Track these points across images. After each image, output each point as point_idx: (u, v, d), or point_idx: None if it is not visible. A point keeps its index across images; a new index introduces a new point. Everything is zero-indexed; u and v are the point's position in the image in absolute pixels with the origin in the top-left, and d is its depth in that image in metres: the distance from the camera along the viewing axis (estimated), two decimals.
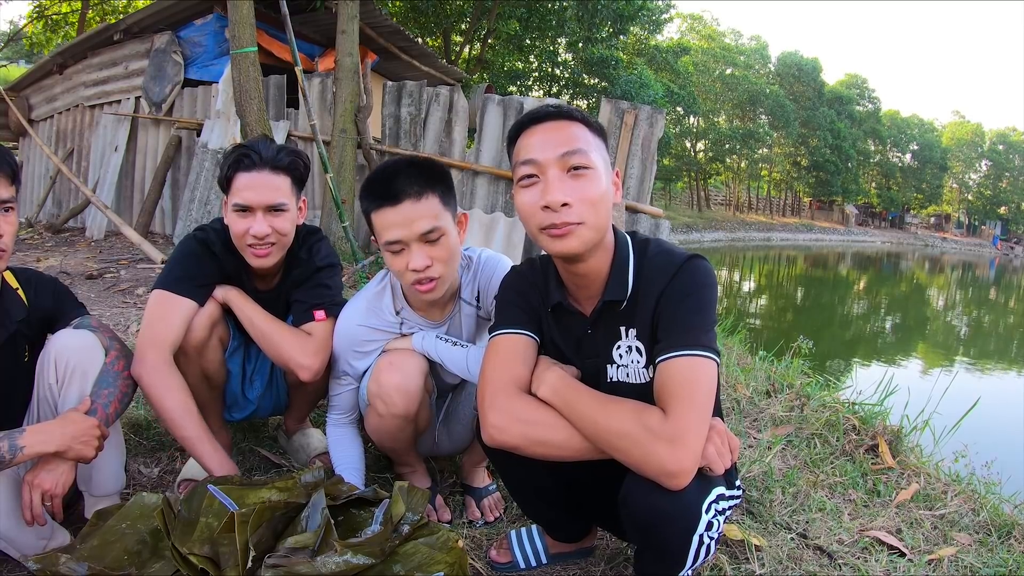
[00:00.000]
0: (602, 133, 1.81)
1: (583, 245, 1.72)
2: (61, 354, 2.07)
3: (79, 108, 12.16)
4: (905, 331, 17.97)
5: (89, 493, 2.26)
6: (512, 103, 7.87)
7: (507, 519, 2.61)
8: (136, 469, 2.78)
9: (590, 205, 1.69)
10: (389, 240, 2.11)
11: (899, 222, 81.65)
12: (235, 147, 2.42)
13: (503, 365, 1.87)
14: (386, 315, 2.41)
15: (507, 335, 1.92)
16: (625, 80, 26.24)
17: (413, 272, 2.13)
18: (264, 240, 2.35)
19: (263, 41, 9.08)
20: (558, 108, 1.79)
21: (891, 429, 3.47)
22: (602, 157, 1.77)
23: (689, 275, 1.73)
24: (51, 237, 10.61)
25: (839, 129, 63.63)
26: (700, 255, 1.77)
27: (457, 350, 2.35)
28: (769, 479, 2.95)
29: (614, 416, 1.64)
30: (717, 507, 1.68)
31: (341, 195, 7.05)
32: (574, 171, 1.70)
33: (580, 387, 1.77)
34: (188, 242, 2.48)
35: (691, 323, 1.68)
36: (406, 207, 2.09)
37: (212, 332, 2.46)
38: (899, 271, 41.06)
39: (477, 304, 2.50)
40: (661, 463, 1.56)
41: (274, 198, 2.35)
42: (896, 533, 2.62)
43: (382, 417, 2.36)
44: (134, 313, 5.42)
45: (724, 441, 1.71)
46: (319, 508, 1.69)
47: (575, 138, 1.72)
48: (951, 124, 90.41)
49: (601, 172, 1.73)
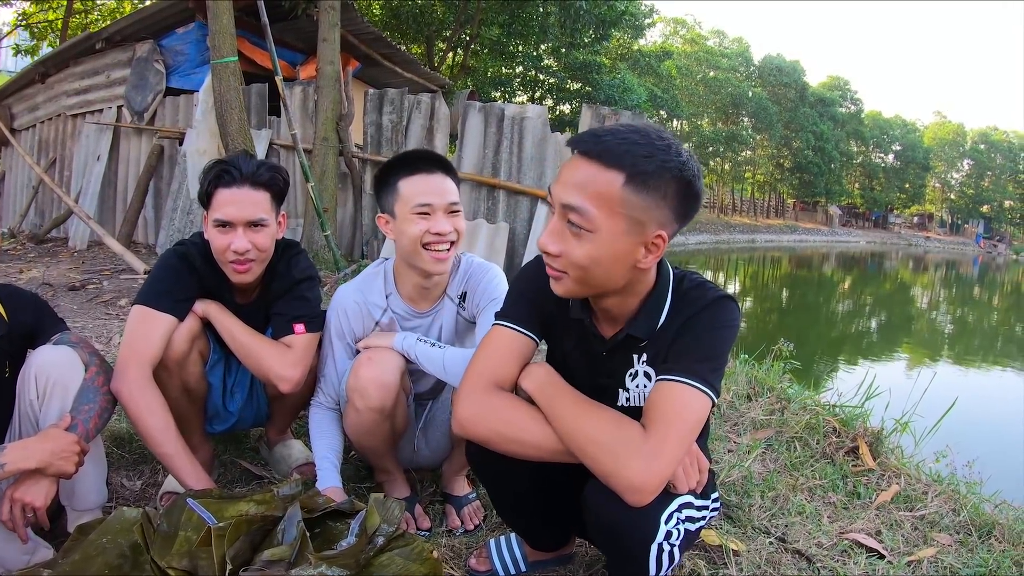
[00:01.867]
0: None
1: (568, 293, 1.71)
2: (42, 370, 2.08)
3: (61, 117, 12.11)
4: (889, 331, 18.07)
5: (71, 507, 2.26)
6: (493, 110, 7.90)
7: (487, 527, 2.62)
8: (119, 482, 2.77)
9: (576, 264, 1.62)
10: (421, 203, 2.31)
11: (883, 222, 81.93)
12: (215, 162, 2.43)
13: (494, 358, 1.87)
14: (376, 295, 2.51)
15: (509, 329, 1.90)
16: (608, 84, 26.35)
17: (437, 235, 2.31)
18: (245, 255, 2.37)
19: (245, 49, 9.07)
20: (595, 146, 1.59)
21: (872, 431, 3.48)
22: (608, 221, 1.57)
23: (715, 312, 1.70)
24: (34, 247, 10.55)
25: (822, 131, 63.86)
26: (732, 296, 1.75)
27: (435, 351, 2.38)
28: (748, 483, 2.96)
29: (593, 422, 1.63)
30: (679, 516, 1.69)
31: (323, 204, 7.05)
32: (571, 225, 1.58)
33: (565, 387, 1.75)
34: (168, 257, 2.49)
35: (702, 356, 1.65)
36: (438, 177, 2.36)
37: (192, 346, 2.46)
38: (883, 270, 41.26)
39: (461, 304, 2.55)
40: (630, 478, 1.54)
41: (254, 214, 2.38)
42: (876, 535, 2.63)
43: (359, 412, 2.37)
44: (116, 325, 5.40)
45: (692, 461, 1.72)
46: (295, 521, 1.70)
47: (577, 189, 1.59)
48: (933, 124, 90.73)
49: (602, 237, 1.58)
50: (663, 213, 1.56)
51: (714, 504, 1.96)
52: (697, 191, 1.59)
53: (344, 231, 8.73)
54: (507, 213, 7.76)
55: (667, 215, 1.57)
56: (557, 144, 7.75)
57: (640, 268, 1.64)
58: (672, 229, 1.60)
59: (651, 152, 1.53)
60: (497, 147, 7.87)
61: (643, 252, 1.60)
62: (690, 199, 1.59)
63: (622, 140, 1.55)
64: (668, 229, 1.59)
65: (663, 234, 1.58)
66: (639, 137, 1.55)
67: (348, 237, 8.77)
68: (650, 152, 1.53)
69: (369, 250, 8.50)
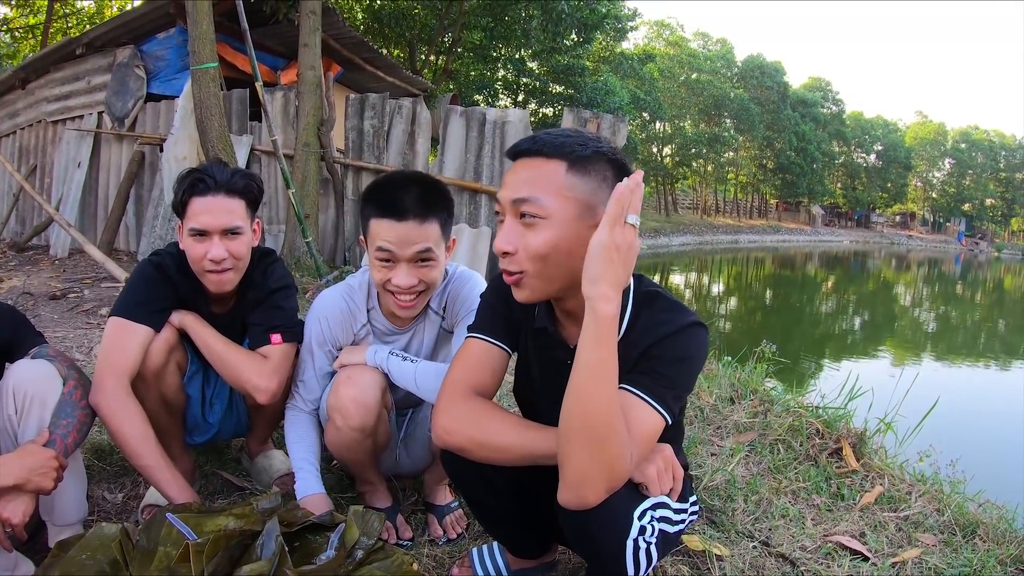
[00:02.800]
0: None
1: (531, 296, 1.73)
2: (19, 385, 2.06)
3: (42, 124, 12.01)
4: (872, 329, 18.17)
5: (51, 523, 2.24)
6: (475, 114, 7.92)
7: (469, 536, 2.61)
8: (100, 495, 2.75)
9: (535, 255, 1.66)
10: (381, 249, 2.20)
11: (865, 221, 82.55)
12: (188, 171, 2.42)
13: (468, 370, 1.89)
14: (358, 304, 2.48)
15: (481, 341, 1.93)
16: (591, 87, 26.40)
17: (396, 286, 2.23)
18: (221, 264, 2.36)
19: (226, 54, 9.05)
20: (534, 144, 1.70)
21: (855, 432, 3.48)
22: (559, 205, 1.64)
23: (686, 340, 1.70)
24: (15, 256, 10.47)
25: (804, 131, 64.22)
26: (702, 323, 1.73)
27: (407, 365, 2.36)
28: (732, 487, 2.95)
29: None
30: (654, 514, 1.70)
31: (305, 210, 7.03)
32: (524, 218, 1.66)
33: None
34: (143, 267, 2.47)
35: (668, 383, 1.66)
36: (408, 226, 2.17)
37: (170, 357, 2.45)
38: (866, 269, 41.48)
39: (442, 315, 2.53)
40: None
41: (230, 221, 2.36)
42: (860, 537, 2.63)
43: (340, 430, 2.36)
44: (98, 335, 5.37)
45: (668, 468, 1.73)
46: (273, 535, 1.69)
47: (525, 183, 1.67)
48: (914, 124, 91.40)
49: (556, 222, 1.64)
50: (606, 194, 1.60)
51: (693, 508, 1.97)
52: (629, 172, 1.67)
53: (326, 237, 8.70)
54: (489, 217, 7.75)
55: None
56: None
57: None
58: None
59: (584, 141, 1.66)
60: (479, 151, 7.87)
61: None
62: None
63: (556, 135, 1.68)
64: None
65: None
66: (571, 132, 1.70)
67: (330, 243, 8.75)
68: (583, 142, 1.66)
69: (351, 256, 8.48)
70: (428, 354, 2.58)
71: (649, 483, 1.68)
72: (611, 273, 1.53)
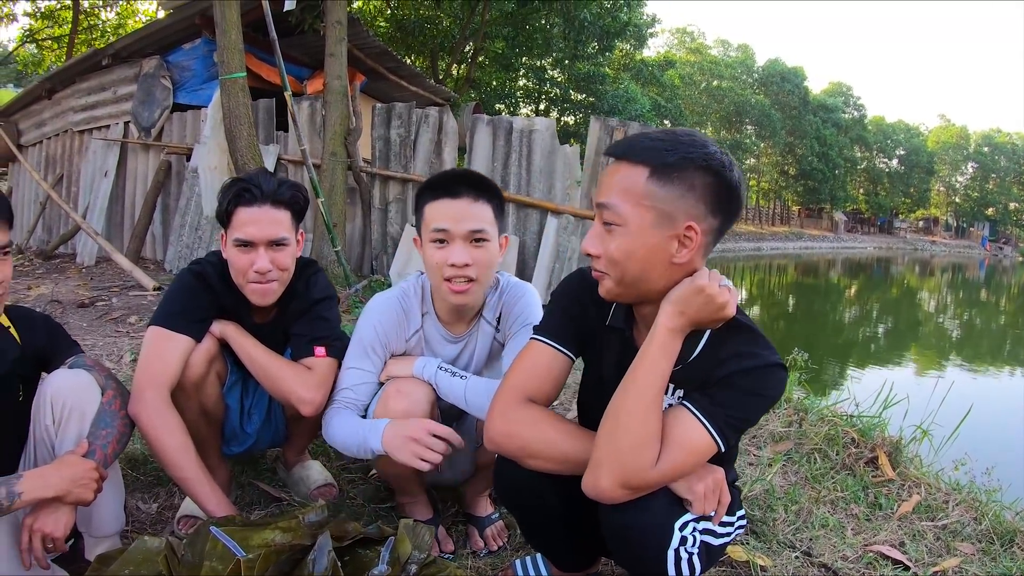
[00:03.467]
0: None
1: (609, 294, 1.74)
2: (57, 395, 2.05)
3: (68, 133, 12.14)
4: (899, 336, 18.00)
5: (89, 534, 2.22)
6: (502, 123, 7.91)
7: (511, 548, 2.59)
8: (134, 505, 2.75)
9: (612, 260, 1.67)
10: (437, 228, 2.20)
11: (888, 227, 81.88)
12: (234, 180, 2.40)
13: (528, 375, 1.88)
14: (412, 307, 2.44)
15: (546, 345, 1.90)
16: (612, 95, 26.42)
17: (451, 267, 2.20)
18: (267, 275, 2.34)
19: (252, 64, 9.08)
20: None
21: (890, 440, 3.47)
22: (635, 213, 1.64)
23: (764, 378, 1.67)
24: (41, 264, 10.58)
25: (825, 137, 63.89)
26: (784, 366, 1.71)
27: (456, 381, 2.32)
28: (771, 497, 2.95)
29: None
30: (696, 525, 1.70)
31: (332, 219, 7.03)
32: (606, 224, 1.67)
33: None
34: (184, 276, 2.46)
35: (728, 407, 1.64)
36: (463, 203, 2.21)
37: (210, 368, 2.44)
38: (890, 276, 41.16)
39: (497, 326, 2.49)
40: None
41: (276, 232, 2.34)
42: (900, 547, 2.62)
43: None
44: (127, 343, 5.40)
45: (716, 490, 1.71)
46: (325, 550, 1.67)
47: (608, 188, 1.68)
48: (936, 128, 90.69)
49: (631, 230, 1.65)
50: (692, 204, 1.60)
51: (739, 522, 1.95)
52: (729, 182, 1.63)
53: (353, 246, 8.71)
54: (517, 227, 7.74)
55: (697, 207, 1.61)
56: (566, 157, 7.74)
57: (676, 264, 1.65)
58: (708, 224, 1.64)
59: (673, 146, 1.61)
60: (506, 160, 7.87)
61: (676, 246, 1.63)
62: (723, 191, 1.62)
63: (646, 138, 1.66)
64: (701, 223, 1.61)
65: (694, 225, 1.61)
66: (664, 135, 1.65)
67: (357, 252, 8.76)
68: (672, 146, 1.61)
69: (378, 265, 8.48)
70: (480, 367, 2.54)
71: (695, 500, 1.68)
72: (689, 305, 1.62)
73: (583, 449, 1.70)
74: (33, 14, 22.45)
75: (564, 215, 7.54)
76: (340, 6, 7.73)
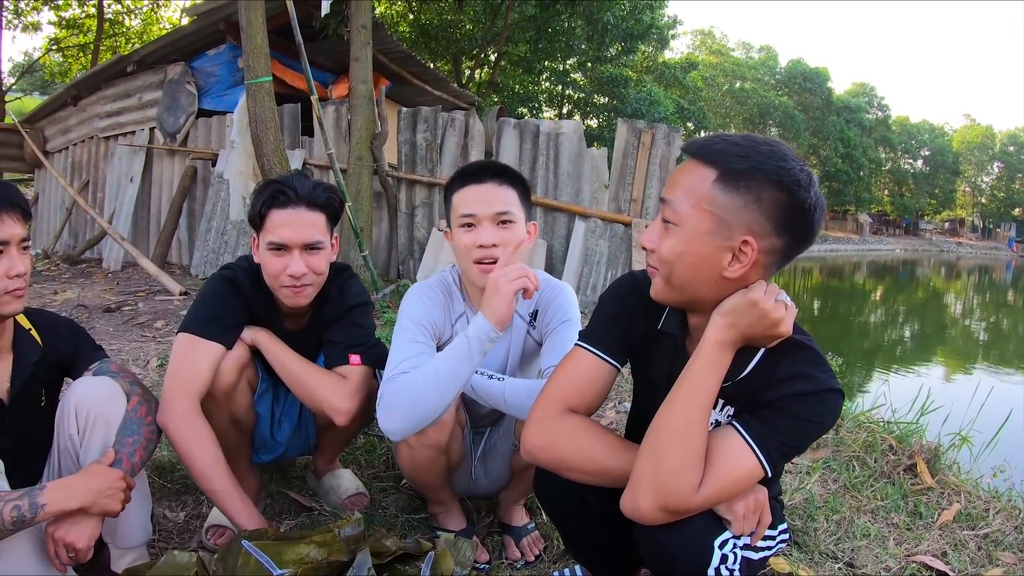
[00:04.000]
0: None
1: (657, 294, 1.68)
2: (82, 403, 2.01)
3: (94, 139, 12.21)
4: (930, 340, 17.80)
5: (115, 545, 2.18)
6: (528, 126, 7.90)
7: (548, 559, 2.54)
8: (161, 514, 2.71)
9: (662, 259, 1.61)
10: (464, 213, 2.23)
11: (913, 229, 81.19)
12: (269, 182, 2.36)
13: (571, 383, 1.81)
14: (455, 293, 2.43)
15: (591, 354, 1.83)
16: (635, 98, 26.30)
17: (480, 248, 2.21)
18: (301, 279, 2.30)
19: (276, 70, 9.08)
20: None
21: (928, 447, 3.42)
22: (693, 215, 1.57)
23: (820, 404, 1.59)
24: (68, 268, 10.65)
25: (849, 138, 63.45)
26: (841, 391, 1.63)
27: (494, 383, 2.26)
28: (811, 506, 2.91)
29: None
30: (736, 542, 1.63)
31: (359, 223, 7.01)
32: (664, 221, 1.61)
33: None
34: (215, 282, 2.42)
35: (780, 433, 1.57)
36: (488, 187, 2.25)
37: (241, 376, 2.39)
38: (916, 278, 40.81)
39: (531, 323, 2.45)
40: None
41: (311, 236, 2.30)
42: (942, 556, 2.58)
43: (412, 448, 2.29)
44: (153, 347, 5.40)
45: (757, 511, 1.66)
46: (365, 567, 1.62)
47: (675, 184, 1.63)
48: (962, 128, 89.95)
49: (686, 232, 1.58)
50: (753, 218, 1.50)
51: (781, 536, 1.88)
52: (802, 203, 1.51)
53: (379, 251, 8.71)
54: (544, 230, 7.71)
55: (759, 222, 1.50)
56: (593, 160, 7.70)
57: (727, 279, 1.56)
58: (769, 242, 1.53)
59: (747, 153, 1.51)
60: (533, 163, 7.84)
61: (729, 259, 1.54)
62: (792, 211, 1.51)
63: (724, 141, 1.55)
64: (761, 240, 1.51)
65: (751, 241, 1.51)
66: (743, 140, 1.55)
67: (384, 257, 8.75)
68: (746, 153, 1.51)
69: (405, 270, 8.47)
70: (516, 364, 2.50)
71: (734, 520, 1.61)
72: (740, 319, 1.54)
73: (623, 463, 1.64)
74: (58, 23, 22.69)
75: (592, 219, 7.50)
76: (365, 10, 7.73)
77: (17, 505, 1.71)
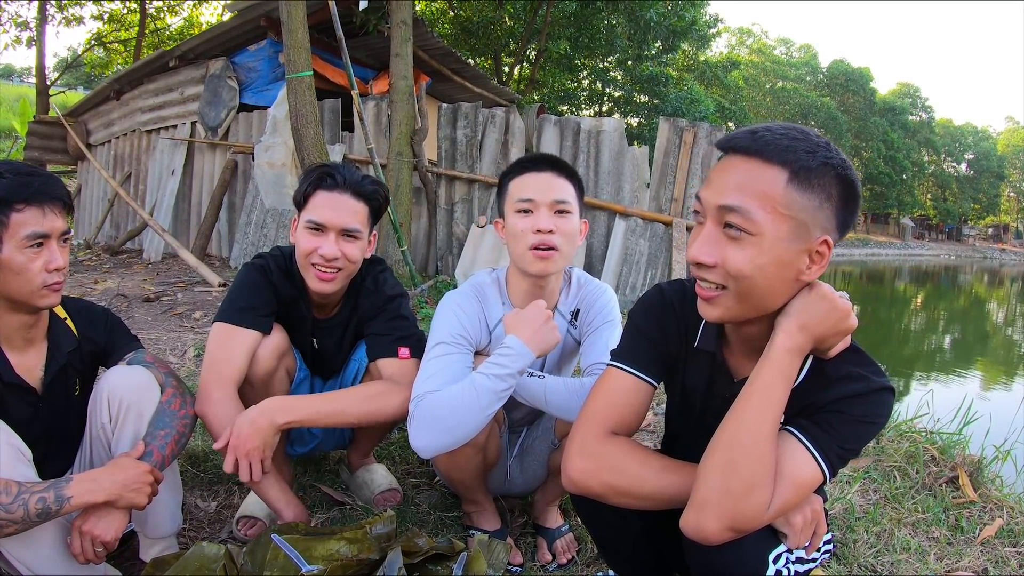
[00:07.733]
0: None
1: (723, 316, 1.55)
2: (115, 393, 2.00)
3: (136, 133, 12.35)
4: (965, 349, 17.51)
5: (144, 535, 2.17)
6: (569, 124, 7.88)
7: (581, 562, 2.49)
8: (192, 503, 2.71)
9: (737, 274, 1.47)
10: (522, 198, 2.23)
11: (956, 234, 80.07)
12: (318, 166, 2.37)
13: (608, 405, 1.72)
14: (493, 304, 2.39)
15: (626, 373, 1.74)
16: (676, 97, 26.12)
17: (537, 233, 2.19)
18: (332, 263, 2.29)
19: (317, 66, 9.12)
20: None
21: (971, 459, 3.33)
22: (772, 222, 1.44)
23: (875, 404, 1.54)
24: (109, 259, 10.80)
25: (892, 140, 62.70)
26: (893, 388, 1.57)
27: (534, 381, 2.21)
28: (851, 517, 2.84)
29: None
30: (790, 556, 1.56)
31: (398, 218, 7.01)
32: (729, 228, 1.45)
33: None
34: (247, 271, 2.42)
35: (838, 436, 1.51)
36: (547, 175, 2.26)
37: (279, 363, 2.39)
38: (958, 285, 40.19)
39: (572, 322, 2.43)
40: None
41: (350, 222, 2.30)
42: (983, 573, 2.52)
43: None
44: (191, 338, 5.43)
45: (812, 522, 1.59)
46: (396, 567, 1.59)
47: (735, 188, 1.46)
48: (1006, 131, 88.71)
49: (765, 241, 1.44)
50: (827, 216, 1.43)
51: (826, 546, 1.82)
52: (858, 195, 1.47)
53: (418, 246, 8.72)
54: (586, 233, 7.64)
55: (831, 219, 1.44)
56: (634, 158, 7.65)
57: (803, 281, 1.49)
58: (835, 237, 1.47)
59: (813, 148, 1.42)
60: (573, 161, 7.81)
61: (807, 261, 1.46)
62: (851, 203, 1.46)
63: (782, 136, 1.43)
64: (832, 236, 1.45)
65: (828, 240, 1.44)
66: (798, 133, 1.44)
67: (422, 253, 8.76)
68: (812, 148, 1.42)
69: (443, 266, 8.47)
70: (555, 362, 2.48)
71: (791, 533, 1.54)
72: (812, 316, 1.47)
73: (675, 485, 1.58)
74: (100, 16, 22.94)
75: (632, 218, 7.45)
76: (405, 6, 7.74)
77: (43, 497, 1.70)
